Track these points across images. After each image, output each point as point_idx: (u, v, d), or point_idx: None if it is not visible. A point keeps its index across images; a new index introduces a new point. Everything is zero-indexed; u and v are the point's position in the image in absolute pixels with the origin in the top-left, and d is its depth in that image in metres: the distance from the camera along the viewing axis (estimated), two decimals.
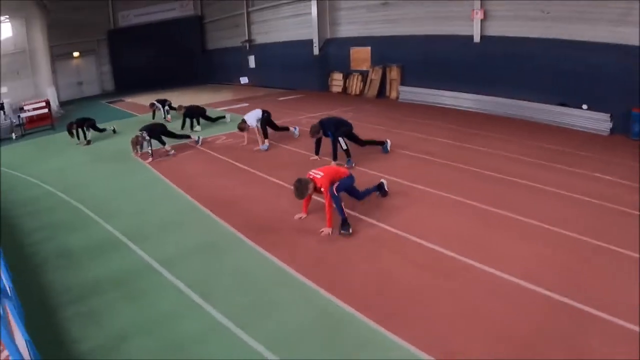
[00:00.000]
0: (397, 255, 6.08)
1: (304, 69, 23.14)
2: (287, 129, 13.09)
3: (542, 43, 13.41)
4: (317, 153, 10.49)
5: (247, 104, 20.38)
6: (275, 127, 12.75)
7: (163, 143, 12.19)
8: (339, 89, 20.97)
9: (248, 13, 27.42)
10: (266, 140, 12.09)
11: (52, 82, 29.39)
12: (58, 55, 33.88)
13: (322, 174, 6.90)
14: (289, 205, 7.74)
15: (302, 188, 6.73)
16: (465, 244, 6.16)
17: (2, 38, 27.87)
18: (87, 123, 15.72)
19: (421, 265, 5.80)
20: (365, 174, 9.22)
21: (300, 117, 15.77)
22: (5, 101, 19.32)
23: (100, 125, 16.37)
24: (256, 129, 12.07)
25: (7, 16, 26.73)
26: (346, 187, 7.13)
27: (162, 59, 33.44)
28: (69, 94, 34.42)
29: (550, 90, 13.08)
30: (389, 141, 10.96)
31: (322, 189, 6.77)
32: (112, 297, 5.48)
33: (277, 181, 9.30)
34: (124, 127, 15.93)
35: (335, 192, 6.71)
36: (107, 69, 35.87)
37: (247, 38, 27.87)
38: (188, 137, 13.13)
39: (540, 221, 6.79)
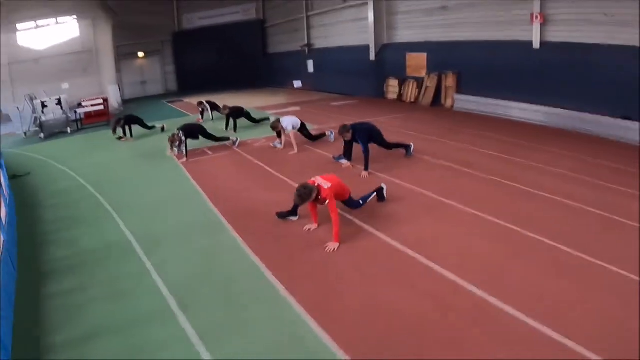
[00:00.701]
0: (400, 279, 5.26)
1: (360, 75, 22.49)
2: (323, 135, 12.47)
3: (604, 50, 11.97)
4: (349, 159, 9.83)
5: (298, 108, 20.03)
6: (310, 137, 12.17)
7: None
8: (395, 96, 20.10)
9: (308, 17, 27.12)
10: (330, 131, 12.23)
11: (115, 80, 30.40)
12: (123, 55, 35.14)
13: (329, 184, 6.28)
14: (303, 215, 7.12)
15: (305, 195, 6.14)
16: (485, 274, 5.17)
17: (70, 38, 29.20)
18: (133, 120, 15.93)
19: (425, 294, 4.86)
20: (393, 184, 8.47)
21: (347, 123, 15.01)
22: (62, 97, 19.84)
23: (150, 123, 16.57)
24: (291, 135, 11.56)
25: (75, 16, 27.86)
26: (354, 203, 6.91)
27: (224, 62, 33.88)
28: (132, 92, 35.65)
29: (613, 102, 11.60)
30: (412, 145, 10.41)
31: (327, 202, 6.13)
32: (96, 294, 5.46)
33: None
34: (175, 126, 15.76)
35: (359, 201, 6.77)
36: (170, 70, 36.86)
37: (306, 42, 27.58)
38: (227, 139, 12.80)
39: (584, 253, 5.51)
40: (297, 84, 27.45)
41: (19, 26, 27.89)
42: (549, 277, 5.05)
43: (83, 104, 22.13)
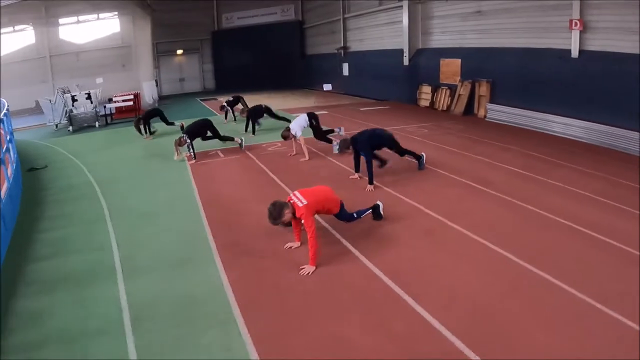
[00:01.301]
0: (371, 316, 4.53)
1: (393, 80, 21.77)
2: (331, 131, 12.09)
3: None
4: (357, 170, 9.13)
5: (325, 112, 19.48)
6: (320, 135, 11.58)
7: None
8: (427, 103, 19.26)
9: (344, 19, 26.57)
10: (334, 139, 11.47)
11: (152, 76, 30.65)
12: (162, 51, 35.52)
13: (306, 201, 5.58)
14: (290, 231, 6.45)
15: (275, 214, 5.51)
16: (473, 322, 4.31)
17: (110, 33, 29.65)
18: (153, 115, 15.79)
19: (395, 337, 4.14)
20: (398, 201, 7.80)
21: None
22: (92, 91, 19.96)
23: (170, 120, 16.36)
24: (301, 140, 11.01)
25: (116, 13, 28.21)
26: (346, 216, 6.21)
27: (261, 62, 33.78)
28: (170, 89, 36.04)
29: None
30: (424, 155, 9.60)
31: (302, 220, 5.49)
32: (63, 299, 5.23)
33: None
34: None
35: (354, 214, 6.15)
36: (209, 68, 37.08)
37: (342, 45, 27.05)
38: (232, 139, 12.38)
39: (600, 301, 4.51)
40: (327, 87, 27.04)
41: (61, 20, 28.53)
42: (551, 332, 4.14)
43: (114, 99, 22.28)
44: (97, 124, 19.82)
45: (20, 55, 28.21)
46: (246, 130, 14.71)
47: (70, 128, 19.38)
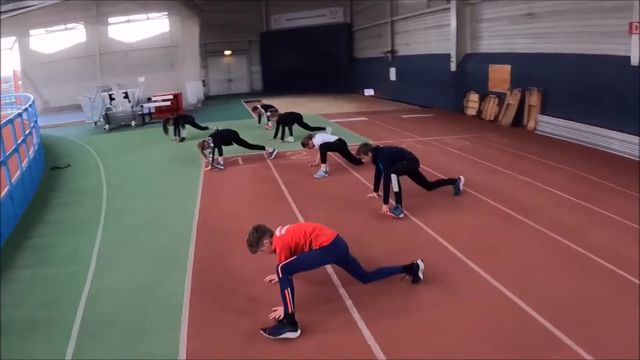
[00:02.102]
0: None
1: (439, 86, 20.51)
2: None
3: None
4: (375, 189, 8.09)
5: (365, 118, 18.58)
6: (350, 159, 10.52)
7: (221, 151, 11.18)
8: (474, 112, 17.91)
9: (392, 22, 25.48)
10: (324, 166, 9.97)
11: (199, 76, 30.65)
12: (211, 52, 35.58)
13: (284, 232, 4.62)
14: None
15: (252, 239, 4.55)
16: None
17: (159, 32, 29.80)
18: (184, 120, 15.44)
19: None
20: (415, 230, 6.67)
21: (406, 140, 13.34)
22: (129, 91, 19.85)
23: (204, 124, 15.99)
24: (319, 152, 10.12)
25: (166, 13, 28.29)
26: (307, 266, 4.67)
27: (309, 64, 33.24)
28: (218, 89, 36.13)
29: None
30: (462, 178, 8.23)
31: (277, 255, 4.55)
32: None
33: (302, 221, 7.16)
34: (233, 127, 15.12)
35: (283, 270, 4.35)
36: (257, 69, 36.94)
37: (389, 49, 25.98)
38: (262, 148, 11.68)
39: None
40: (369, 92, 26.24)
41: (110, 20, 28.91)
42: None
43: (153, 98, 22.18)
44: (133, 123, 19.74)
45: (72, 52, 28.83)
46: (275, 136, 14.04)
47: (107, 126, 19.38)
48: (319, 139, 10.17)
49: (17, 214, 8.44)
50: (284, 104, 23.82)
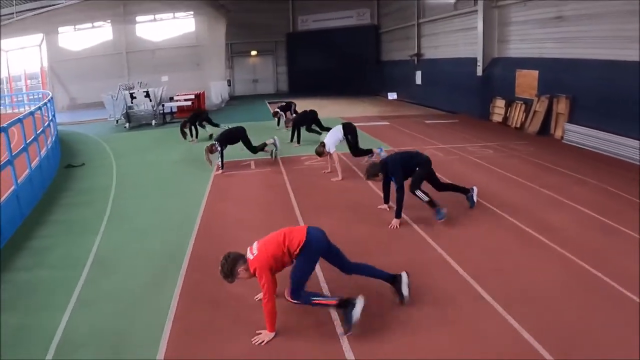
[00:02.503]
0: None
1: (465, 91, 19.91)
2: (369, 152, 10.48)
3: None
4: (386, 201, 7.66)
5: (387, 123, 18.15)
6: (356, 152, 10.29)
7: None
8: (500, 119, 17.27)
9: (419, 24, 24.91)
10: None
11: (224, 76, 30.62)
12: (237, 52, 35.58)
13: (257, 252, 4.26)
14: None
15: (225, 270, 4.20)
16: None
17: (185, 32, 29.89)
18: (200, 119, 15.31)
19: None
20: (424, 247, 6.19)
21: (427, 147, 12.85)
22: (151, 90, 19.85)
23: (216, 122, 15.79)
24: (334, 157, 9.79)
25: (192, 12, 28.33)
26: (305, 275, 4.37)
27: (335, 66, 32.95)
28: (243, 89, 36.12)
29: None
30: (475, 189, 7.71)
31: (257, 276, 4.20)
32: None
33: None
34: (250, 130, 14.73)
35: (294, 297, 4.26)
36: (282, 70, 36.79)
37: (416, 52, 25.42)
38: (264, 146, 11.36)
39: None
40: (392, 95, 25.83)
41: (138, 18, 29.11)
42: None
43: (175, 98, 22.18)
44: (153, 122, 19.74)
45: (99, 50, 29.14)
46: (291, 139, 13.73)
47: (127, 125, 19.41)
48: (330, 141, 9.77)
49: (23, 214, 8.39)
50: (308, 105, 23.53)
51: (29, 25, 25.04)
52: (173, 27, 30.22)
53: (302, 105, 20.08)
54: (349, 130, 10.15)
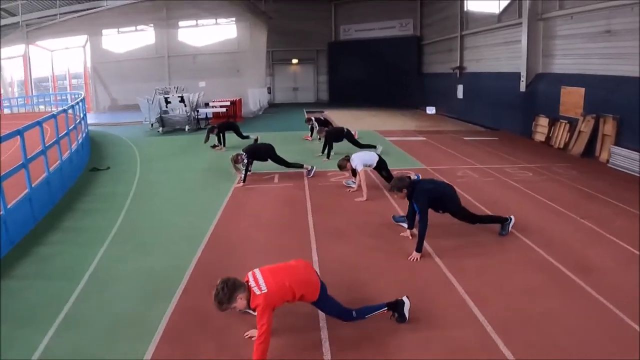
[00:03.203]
0: None
1: (507, 107, 19.01)
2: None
3: None
4: (410, 225, 7.06)
5: (423, 138, 17.49)
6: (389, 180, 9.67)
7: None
8: (542, 138, 16.35)
9: (462, 37, 24.10)
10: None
11: (263, 84, 30.56)
12: (278, 60, 35.56)
13: (266, 288, 3.88)
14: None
15: (222, 296, 3.82)
16: None
17: (226, 38, 30.02)
18: (229, 128, 15.15)
19: None
20: (444, 285, 5.54)
21: (462, 167, 12.20)
22: (185, 95, 19.84)
23: (245, 133, 15.67)
24: (361, 175, 9.25)
25: (234, 19, 28.42)
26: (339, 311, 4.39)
27: (377, 77, 32.48)
28: (283, 97, 36.09)
29: None
30: (512, 218, 7.06)
31: (256, 312, 3.79)
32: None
33: (317, 261, 6.31)
34: (278, 139, 14.43)
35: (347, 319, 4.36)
36: (323, 79, 36.55)
37: (458, 65, 24.61)
38: (300, 166, 10.96)
39: None
40: (430, 110, 25.13)
41: (180, 23, 29.45)
42: None
43: (211, 104, 22.16)
44: (187, 127, 19.68)
45: (141, 53, 29.63)
46: (322, 152, 13.30)
47: (160, 129, 19.44)
48: (358, 161, 9.28)
49: (35, 218, 8.29)
50: (344, 117, 23.19)
51: (74, 26, 25.66)
52: (215, 32, 30.46)
53: (338, 116, 19.72)
54: (383, 167, 9.55)
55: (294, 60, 36.30)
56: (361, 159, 9.25)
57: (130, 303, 5.20)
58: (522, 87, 17.50)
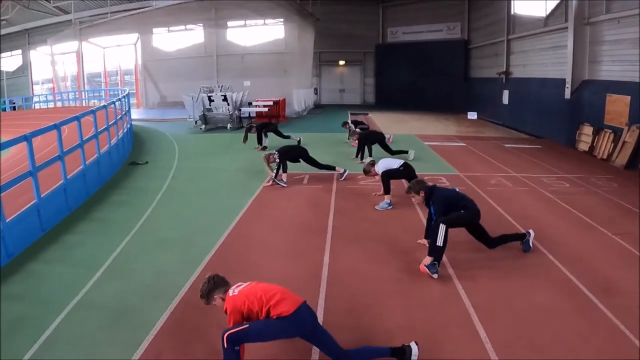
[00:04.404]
0: None
1: (552, 114, 18.36)
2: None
3: None
4: (427, 236, 6.83)
5: (463, 144, 17.17)
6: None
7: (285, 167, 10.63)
8: (586, 147, 15.71)
9: (508, 41, 23.47)
10: (388, 197, 9.00)
11: (309, 84, 30.77)
12: (325, 61, 35.72)
13: (237, 293, 3.89)
14: None
15: (203, 290, 3.98)
16: None
17: (274, 38, 30.39)
18: (267, 128, 15.35)
19: None
20: (452, 300, 5.27)
21: (497, 174, 11.91)
22: (228, 94, 20.24)
23: (287, 134, 15.78)
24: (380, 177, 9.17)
25: (282, 19, 28.74)
26: (260, 338, 3.86)
27: (423, 80, 32.06)
28: (329, 98, 36.26)
29: None
30: (532, 232, 6.75)
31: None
32: None
33: (327, 263, 6.31)
34: (317, 140, 14.54)
35: (228, 340, 3.70)
36: (370, 82, 36.49)
37: (504, 69, 23.99)
38: (333, 168, 11.05)
39: None
40: (472, 115, 24.59)
41: (229, 23, 30.04)
42: None
43: (254, 103, 22.51)
44: (229, 126, 20.06)
45: (190, 52, 30.43)
46: (357, 156, 13.26)
47: (203, 127, 19.91)
48: (382, 165, 9.23)
49: (70, 207, 8.67)
50: (388, 120, 23.05)
51: (125, 25, 26.67)
52: (263, 33, 30.91)
53: (382, 119, 19.61)
54: (408, 174, 9.31)
55: (341, 62, 36.34)
56: (385, 166, 9.16)
57: (138, 294, 5.42)
58: (567, 94, 16.86)
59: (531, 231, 6.84)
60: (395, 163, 9.32)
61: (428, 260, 5.85)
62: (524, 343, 4.42)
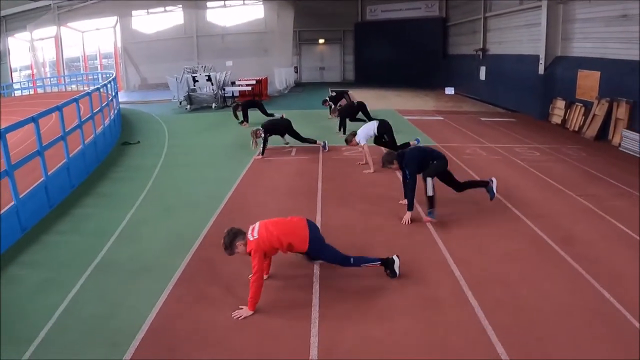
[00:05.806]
0: None
1: (526, 89, 19.15)
2: (407, 144, 10.37)
3: None
4: (406, 195, 7.50)
5: (441, 118, 17.88)
6: (393, 147, 10.10)
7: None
8: (559, 121, 16.55)
9: (485, 18, 24.13)
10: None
11: (290, 63, 31.06)
12: (304, 40, 35.95)
13: (257, 235, 4.60)
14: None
15: (226, 241, 4.58)
16: None
17: (254, 18, 30.55)
18: (254, 106, 15.84)
19: None
20: (429, 246, 6.12)
21: (472, 145, 12.67)
22: (212, 74, 20.59)
23: (270, 111, 16.23)
24: (365, 149, 9.95)
25: None
26: (336, 258, 5.04)
27: (402, 57, 32.64)
28: (310, 76, 36.58)
29: None
30: (494, 180, 7.44)
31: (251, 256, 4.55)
32: None
33: (320, 221, 6.97)
34: (300, 117, 15.21)
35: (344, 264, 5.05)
36: (349, 59, 36.91)
37: (481, 46, 24.69)
38: (314, 142, 11.70)
39: None
40: (449, 90, 25.34)
41: (208, 4, 30.07)
42: None
43: (237, 82, 22.84)
44: (214, 105, 20.47)
45: (170, 33, 30.42)
46: (339, 129, 13.85)
47: (188, 107, 20.26)
48: (361, 135, 9.87)
49: (73, 184, 9.12)
50: (368, 96, 23.48)
51: (104, 8, 26.59)
52: (242, 13, 31.00)
53: (363, 95, 20.20)
54: (385, 129, 10.13)
55: (321, 41, 36.67)
56: (362, 133, 9.86)
57: (152, 254, 6.00)
58: (541, 70, 17.64)
59: (494, 179, 7.49)
60: (371, 129, 10.03)
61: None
62: (493, 279, 5.18)
